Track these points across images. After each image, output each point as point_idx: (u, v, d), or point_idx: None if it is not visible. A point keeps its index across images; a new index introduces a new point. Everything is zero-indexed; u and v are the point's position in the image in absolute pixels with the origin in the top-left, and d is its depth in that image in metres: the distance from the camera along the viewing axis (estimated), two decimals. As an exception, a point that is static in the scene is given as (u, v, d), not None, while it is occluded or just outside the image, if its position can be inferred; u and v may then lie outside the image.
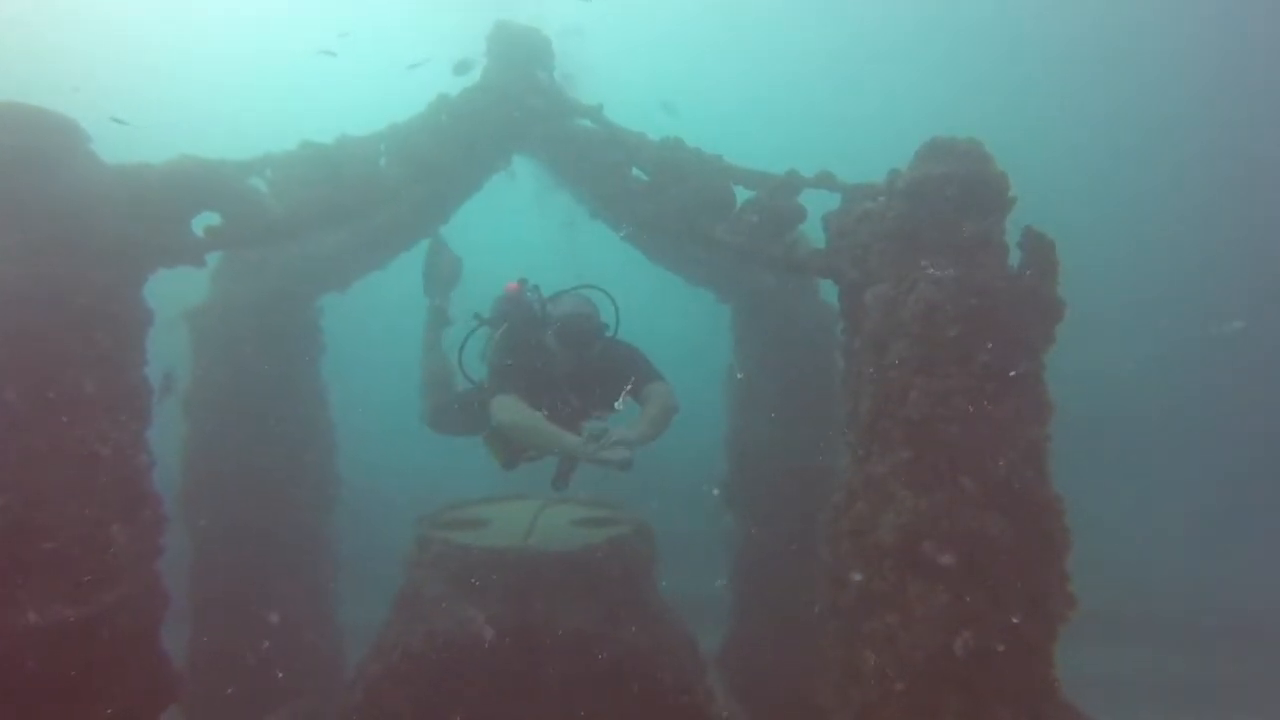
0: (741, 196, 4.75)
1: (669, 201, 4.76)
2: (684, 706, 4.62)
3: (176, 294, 4.81)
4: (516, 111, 4.87)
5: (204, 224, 4.09)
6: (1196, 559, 12.71)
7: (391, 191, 4.72)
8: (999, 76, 24.23)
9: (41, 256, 3.43)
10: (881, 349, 3.91)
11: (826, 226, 4.52)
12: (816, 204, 4.63)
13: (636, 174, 4.94)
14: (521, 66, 4.91)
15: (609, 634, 4.57)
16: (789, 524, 6.10)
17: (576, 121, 5.10)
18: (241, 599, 5.61)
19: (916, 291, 3.76)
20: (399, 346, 5.79)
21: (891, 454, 3.80)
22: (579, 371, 4.67)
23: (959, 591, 3.56)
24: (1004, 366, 3.65)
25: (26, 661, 3.19)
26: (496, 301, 5.01)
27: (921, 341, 3.72)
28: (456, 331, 5.17)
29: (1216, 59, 21.23)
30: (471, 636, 4.37)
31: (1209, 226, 21.50)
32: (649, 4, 25.59)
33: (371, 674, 4.59)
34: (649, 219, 4.88)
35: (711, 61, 27.10)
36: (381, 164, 4.71)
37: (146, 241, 3.82)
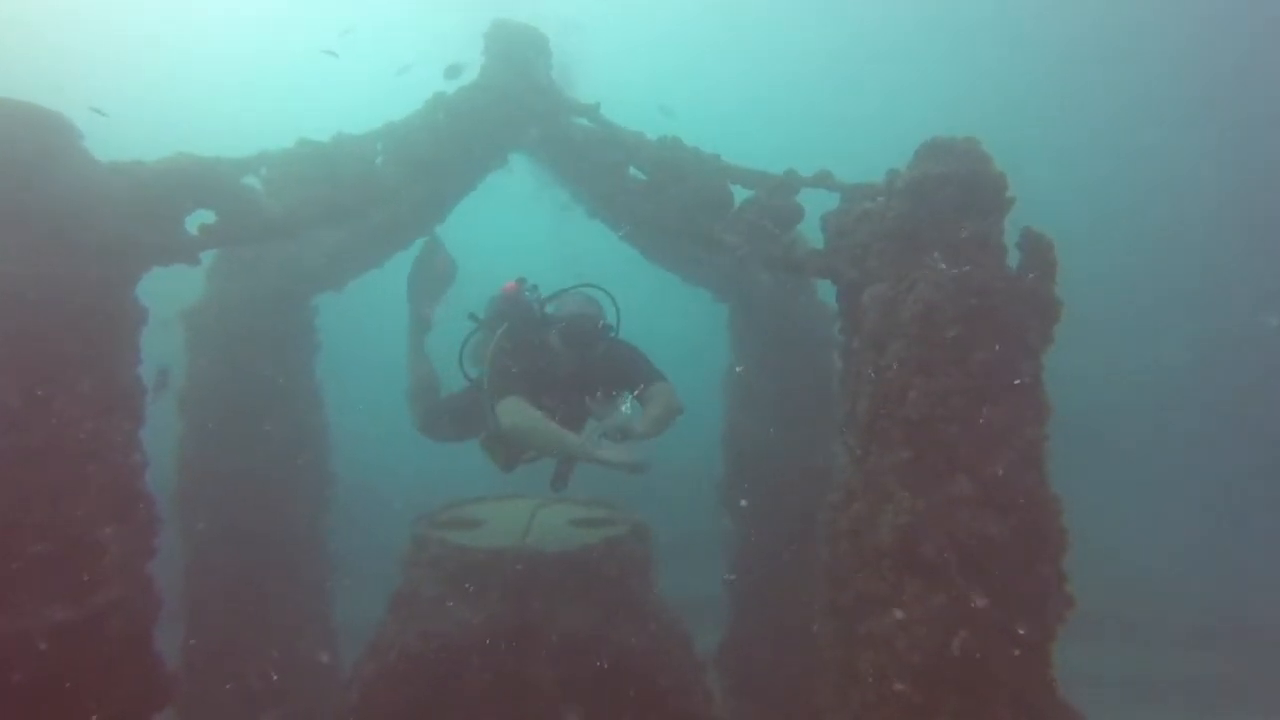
0: (740, 196, 4.73)
1: (667, 201, 4.74)
2: (680, 707, 4.60)
3: (171, 292, 4.78)
4: (514, 110, 4.85)
5: (199, 222, 4.06)
6: (1197, 560, 12.71)
7: (388, 190, 4.70)
8: (998, 76, 24.24)
9: (34, 254, 3.40)
10: (880, 349, 3.90)
11: (825, 226, 4.51)
12: (815, 204, 4.62)
13: (634, 173, 4.92)
14: (519, 65, 4.89)
15: (605, 634, 4.55)
16: (787, 524, 6.08)
17: (574, 120, 5.08)
18: (236, 600, 5.58)
19: (915, 291, 3.76)
20: (395, 345, 5.76)
21: (890, 454, 3.79)
22: (581, 372, 4.64)
23: (957, 592, 3.54)
24: (1002, 367, 3.64)
25: (18, 664, 3.16)
26: (492, 301, 4.96)
27: (920, 342, 3.71)
28: (456, 332, 5.12)
29: (1217, 59, 21.24)
30: (468, 636, 4.35)
31: (1209, 227, 21.50)
32: (648, 3, 25.61)
33: (367, 674, 4.57)
34: (647, 218, 4.86)
35: (710, 61, 27.13)
36: (378, 163, 4.69)
37: (141, 239, 3.79)
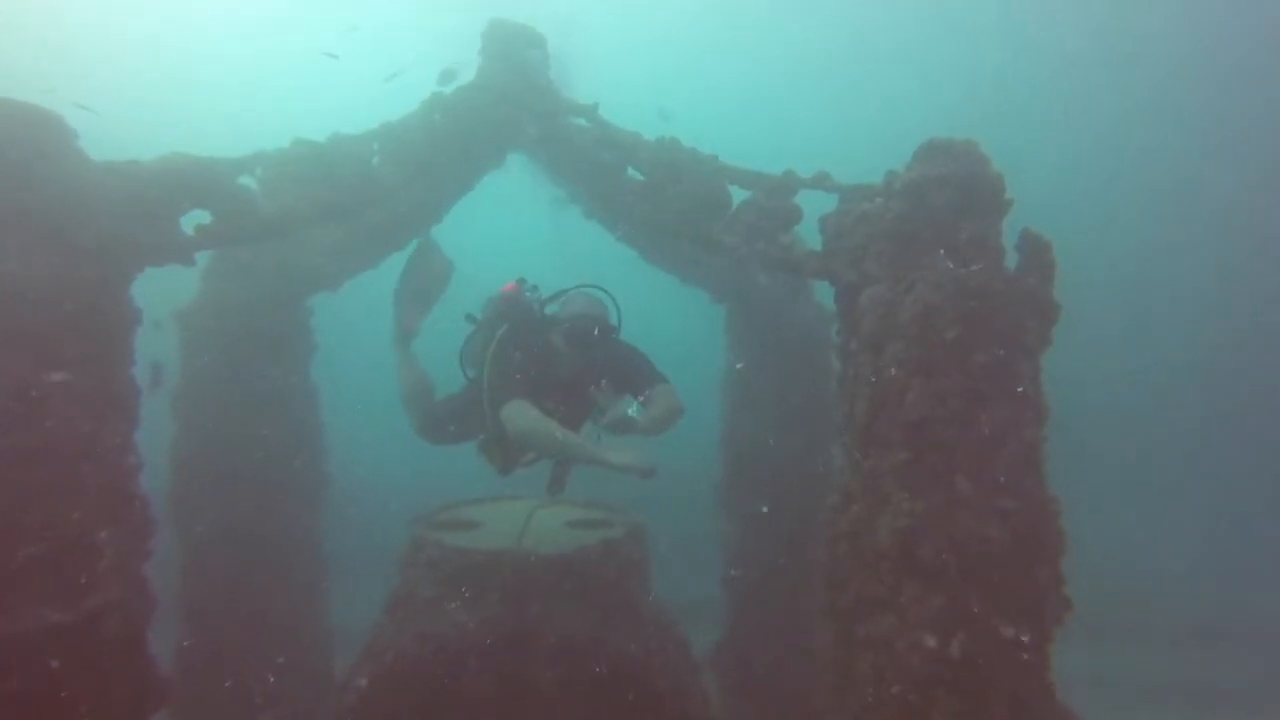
0: (738, 197, 4.71)
1: (665, 202, 4.72)
2: (678, 709, 4.58)
3: (163, 293, 4.76)
4: (512, 110, 4.83)
5: (194, 222, 4.04)
6: (1198, 561, 12.71)
7: (385, 190, 4.67)
8: (996, 77, 24.25)
9: (30, 254, 3.37)
10: (878, 351, 3.88)
11: (823, 228, 4.49)
12: (813, 205, 4.60)
13: (632, 174, 4.90)
14: (517, 64, 4.87)
15: (602, 637, 4.53)
16: (784, 526, 6.07)
17: (572, 120, 5.06)
18: (231, 601, 5.55)
19: (914, 293, 3.74)
20: (391, 347, 5.74)
21: (888, 456, 3.78)
22: (583, 372, 4.62)
23: (955, 594, 3.53)
24: (1001, 369, 3.62)
25: (11, 666, 3.14)
26: (490, 302, 4.95)
27: (919, 343, 3.70)
28: (451, 334, 5.11)
29: (1216, 59, 21.25)
30: (465, 638, 4.34)
31: (1211, 228, 21.51)
32: (646, 4, 25.61)
33: (363, 676, 4.55)
34: (645, 219, 4.84)
35: (708, 61, 27.13)
36: (375, 163, 4.67)
37: (135, 239, 3.77)
